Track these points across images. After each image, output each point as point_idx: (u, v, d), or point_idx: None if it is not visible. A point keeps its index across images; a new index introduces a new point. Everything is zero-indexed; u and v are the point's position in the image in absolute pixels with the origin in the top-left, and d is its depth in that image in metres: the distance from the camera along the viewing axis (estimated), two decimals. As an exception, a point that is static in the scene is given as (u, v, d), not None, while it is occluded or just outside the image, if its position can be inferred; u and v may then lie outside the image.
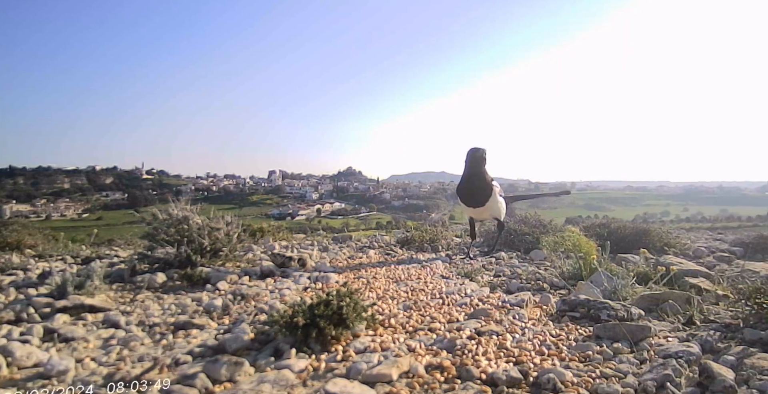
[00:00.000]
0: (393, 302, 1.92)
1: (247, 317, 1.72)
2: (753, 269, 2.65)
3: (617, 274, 2.12)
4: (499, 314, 1.73)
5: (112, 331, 1.55)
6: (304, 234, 5.69)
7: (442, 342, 1.41)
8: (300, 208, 69.25)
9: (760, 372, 1.13)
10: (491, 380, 1.16)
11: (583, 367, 1.24)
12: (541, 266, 3.04)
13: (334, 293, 1.47)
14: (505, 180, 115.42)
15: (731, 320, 1.60)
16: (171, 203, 2.83)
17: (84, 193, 76.49)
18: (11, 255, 3.12)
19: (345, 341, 1.41)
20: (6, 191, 69.59)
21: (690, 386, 1.12)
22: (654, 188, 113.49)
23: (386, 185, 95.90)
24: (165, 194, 56.23)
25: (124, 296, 2.03)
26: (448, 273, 2.67)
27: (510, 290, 2.29)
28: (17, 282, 2.23)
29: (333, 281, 2.37)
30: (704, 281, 2.22)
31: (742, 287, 1.68)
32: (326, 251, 3.63)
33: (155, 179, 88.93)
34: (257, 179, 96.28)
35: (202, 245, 2.57)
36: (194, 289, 2.20)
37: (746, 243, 4.14)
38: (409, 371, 1.19)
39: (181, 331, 1.57)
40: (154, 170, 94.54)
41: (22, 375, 1.20)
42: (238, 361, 1.21)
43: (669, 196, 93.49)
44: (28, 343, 1.38)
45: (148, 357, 1.31)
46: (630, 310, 1.66)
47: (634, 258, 3.07)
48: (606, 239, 3.32)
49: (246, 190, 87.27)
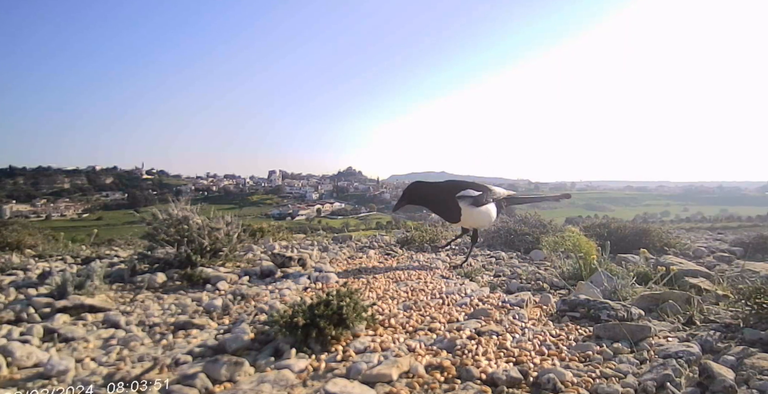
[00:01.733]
0: (393, 302, 1.92)
1: (247, 317, 1.72)
2: (753, 269, 2.65)
3: (617, 274, 2.12)
4: (499, 314, 1.73)
5: (112, 331, 1.55)
6: (304, 234, 5.69)
7: (442, 342, 1.41)
8: (300, 208, 69.27)
9: (760, 372, 1.13)
10: (491, 380, 1.16)
11: (583, 367, 1.24)
12: (541, 266, 3.04)
13: (334, 293, 1.47)
14: (505, 180, 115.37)
15: (731, 320, 1.60)
16: (171, 203, 2.83)
17: (84, 193, 76.54)
18: (11, 255, 3.12)
19: (345, 341, 1.41)
20: (6, 191, 69.60)
21: (690, 386, 1.12)
22: (654, 188, 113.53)
23: (386, 185, 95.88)
24: (165, 194, 56.25)
25: (124, 296, 2.03)
26: (448, 273, 2.67)
27: (510, 290, 2.30)
28: (17, 282, 2.23)
29: (333, 281, 2.37)
30: (704, 281, 2.22)
31: (742, 287, 1.68)
32: (326, 251, 3.63)
33: (155, 179, 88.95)
34: (257, 179, 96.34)
35: (202, 245, 2.57)
36: (194, 289, 2.20)
37: (746, 243, 4.14)
38: (409, 371, 1.19)
39: (181, 331, 1.57)
40: (154, 170, 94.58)
41: (22, 375, 1.20)
42: (238, 361, 1.21)
43: (669, 196, 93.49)
44: (28, 343, 1.38)
45: (148, 357, 1.31)
46: (630, 310, 1.66)
47: (634, 258, 3.07)
48: (606, 239, 3.32)
49: (246, 190, 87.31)
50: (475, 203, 2.90)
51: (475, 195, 2.92)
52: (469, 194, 2.92)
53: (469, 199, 2.90)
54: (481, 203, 2.92)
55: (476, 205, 2.90)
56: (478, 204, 2.91)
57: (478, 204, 2.91)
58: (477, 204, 2.90)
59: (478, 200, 2.90)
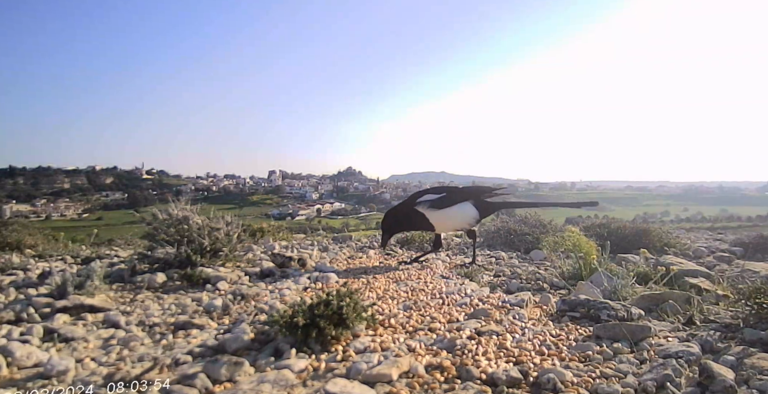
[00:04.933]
0: (393, 302, 1.92)
1: (247, 317, 1.72)
2: (753, 269, 2.65)
3: (617, 274, 2.12)
4: (499, 314, 1.73)
5: (112, 331, 1.55)
6: (304, 234, 5.69)
7: (442, 342, 1.41)
8: (300, 208, 69.28)
9: (760, 372, 1.13)
10: (491, 380, 1.16)
11: (583, 367, 1.24)
12: (541, 266, 3.04)
13: (334, 293, 1.47)
14: (505, 180, 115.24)
15: (731, 320, 1.60)
16: (171, 203, 2.83)
17: (84, 193, 76.57)
18: (11, 255, 3.12)
19: (345, 341, 1.41)
20: (6, 191, 69.62)
21: (690, 386, 1.12)
22: (654, 188, 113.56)
23: (386, 185, 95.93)
24: (165, 194, 56.26)
25: (124, 296, 2.03)
26: (448, 273, 2.67)
27: (510, 290, 2.29)
28: (17, 282, 2.23)
29: (333, 281, 2.37)
30: (704, 281, 2.22)
31: (742, 287, 1.68)
32: (326, 251, 3.63)
33: (155, 179, 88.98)
34: (257, 179, 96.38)
35: (202, 245, 2.57)
36: (194, 289, 2.20)
37: (746, 243, 4.14)
38: (409, 371, 1.19)
39: (181, 331, 1.56)
40: (154, 170, 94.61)
41: (22, 375, 1.20)
42: (238, 361, 1.21)
43: (669, 196, 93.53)
44: (28, 343, 1.38)
45: (148, 357, 1.31)
46: (630, 310, 1.66)
47: (634, 258, 3.07)
48: (606, 239, 3.32)
49: (246, 190, 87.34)
50: (435, 206, 2.81)
51: (434, 198, 2.84)
52: (426, 199, 2.85)
53: (427, 203, 2.83)
54: (443, 205, 2.82)
55: (437, 207, 2.81)
56: (439, 206, 2.81)
57: (439, 206, 2.81)
58: (438, 207, 2.81)
59: (437, 202, 2.81)
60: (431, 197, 2.87)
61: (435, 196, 2.86)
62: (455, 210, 2.85)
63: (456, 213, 2.85)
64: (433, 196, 2.87)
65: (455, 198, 2.86)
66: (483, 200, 2.93)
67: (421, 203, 2.85)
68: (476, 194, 2.92)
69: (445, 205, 2.82)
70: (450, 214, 2.84)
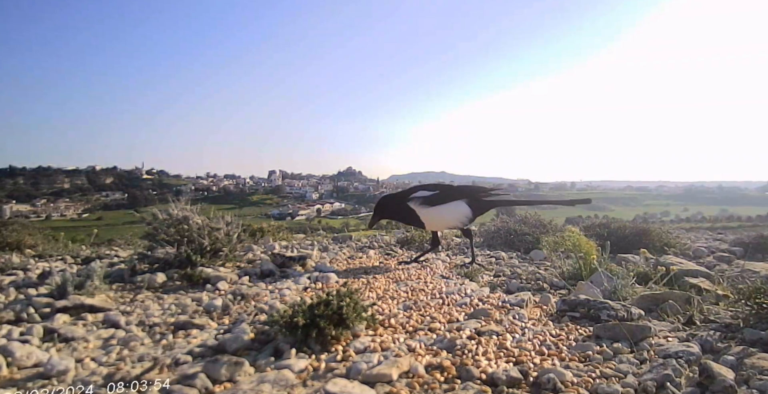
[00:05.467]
0: (393, 302, 1.92)
1: (247, 317, 1.72)
2: (753, 269, 2.65)
3: (617, 274, 2.12)
4: (499, 314, 1.73)
5: (112, 331, 1.55)
6: (304, 234, 5.69)
7: (442, 342, 1.41)
8: (300, 208, 69.30)
9: (760, 372, 1.13)
10: (491, 380, 1.16)
11: (583, 367, 1.24)
12: (541, 266, 3.04)
13: (334, 293, 1.47)
14: (505, 180, 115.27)
15: (731, 320, 1.60)
16: (171, 203, 2.83)
17: (84, 193, 76.58)
18: (11, 255, 3.12)
19: (345, 341, 1.41)
20: (6, 191, 69.61)
21: (690, 386, 1.12)
22: (654, 188, 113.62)
23: (386, 185, 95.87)
24: (165, 194, 56.28)
25: (124, 296, 2.03)
26: (448, 273, 2.67)
27: (510, 290, 2.29)
28: (17, 282, 2.23)
29: (333, 281, 2.37)
30: (704, 281, 2.22)
31: (742, 287, 1.68)
32: (326, 251, 3.63)
33: (155, 179, 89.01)
34: (257, 179, 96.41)
35: (202, 245, 2.57)
36: (194, 289, 2.20)
37: (746, 243, 4.14)
38: (409, 371, 1.19)
39: (181, 331, 1.56)
40: (154, 170, 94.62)
41: (22, 375, 1.20)
42: (238, 361, 1.21)
43: (669, 196, 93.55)
44: (28, 343, 1.38)
45: (148, 357, 1.31)
46: (630, 310, 1.66)
47: (634, 258, 3.07)
48: (606, 239, 3.32)
49: (246, 191, 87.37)
50: (427, 203, 2.76)
51: (427, 195, 2.78)
52: (419, 195, 2.81)
53: (419, 199, 2.78)
54: (434, 202, 2.77)
55: (429, 204, 2.76)
56: (431, 204, 2.76)
57: (431, 204, 2.76)
58: (430, 204, 2.76)
59: (429, 199, 2.76)
60: (424, 193, 2.82)
61: (428, 193, 2.81)
62: (447, 208, 2.80)
63: (447, 211, 2.80)
64: (425, 192, 2.82)
65: (448, 196, 2.81)
66: (478, 199, 2.88)
67: (413, 199, 2.81)
68: (470, 193, 2.88)
69: (437, 202, 2.78)
70: (441, 212, 2.79)
